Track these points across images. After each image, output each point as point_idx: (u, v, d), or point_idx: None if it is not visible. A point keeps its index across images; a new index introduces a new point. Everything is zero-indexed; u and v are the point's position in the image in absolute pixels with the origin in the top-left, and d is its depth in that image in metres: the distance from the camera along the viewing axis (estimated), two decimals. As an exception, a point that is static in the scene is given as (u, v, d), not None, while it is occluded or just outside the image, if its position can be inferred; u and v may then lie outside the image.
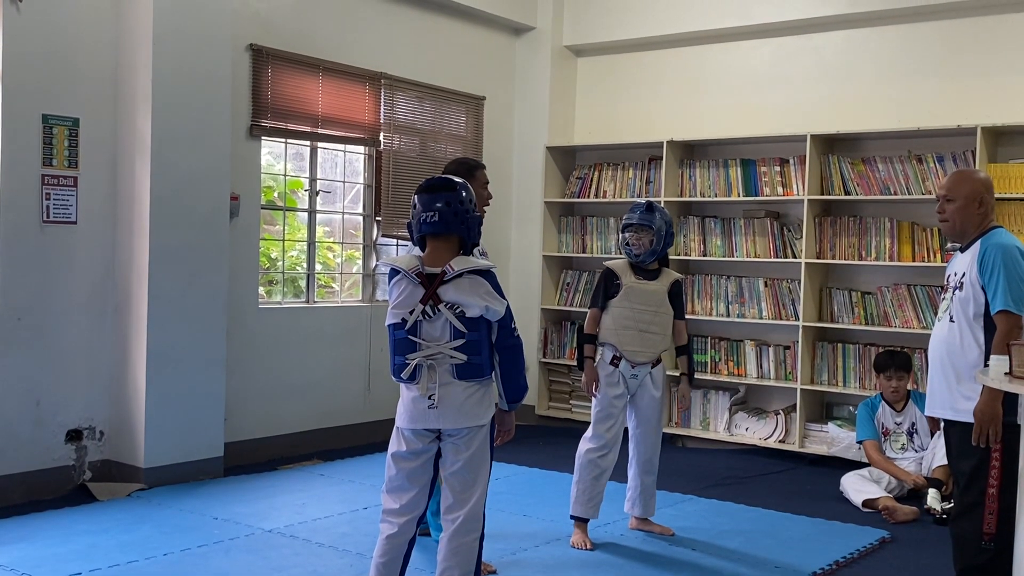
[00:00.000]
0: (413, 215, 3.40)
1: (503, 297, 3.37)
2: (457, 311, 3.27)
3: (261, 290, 6.45)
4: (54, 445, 5.35)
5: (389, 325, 3.35)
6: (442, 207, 3.31)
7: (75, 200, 5.39)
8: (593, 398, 4.75)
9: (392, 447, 3.39)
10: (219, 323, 5.81)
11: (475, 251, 4.00)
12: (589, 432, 4.76)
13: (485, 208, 4.48)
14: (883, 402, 5.86)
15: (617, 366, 4.72)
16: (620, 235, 4.81)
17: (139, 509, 5.07)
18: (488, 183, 4.57)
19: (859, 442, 5.87)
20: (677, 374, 5.07)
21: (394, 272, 3.35)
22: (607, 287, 4.77)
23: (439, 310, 3.27)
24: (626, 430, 4.84)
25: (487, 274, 3.34)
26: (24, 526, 4.55)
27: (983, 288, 3.65)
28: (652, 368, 4.78)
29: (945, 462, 5.35)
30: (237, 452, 6.02)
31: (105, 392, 5.57)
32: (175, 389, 5.57)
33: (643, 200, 4.82)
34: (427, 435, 3.34)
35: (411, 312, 3.28)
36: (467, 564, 3.35)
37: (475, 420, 3.32)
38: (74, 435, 5.44)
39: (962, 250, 3.83)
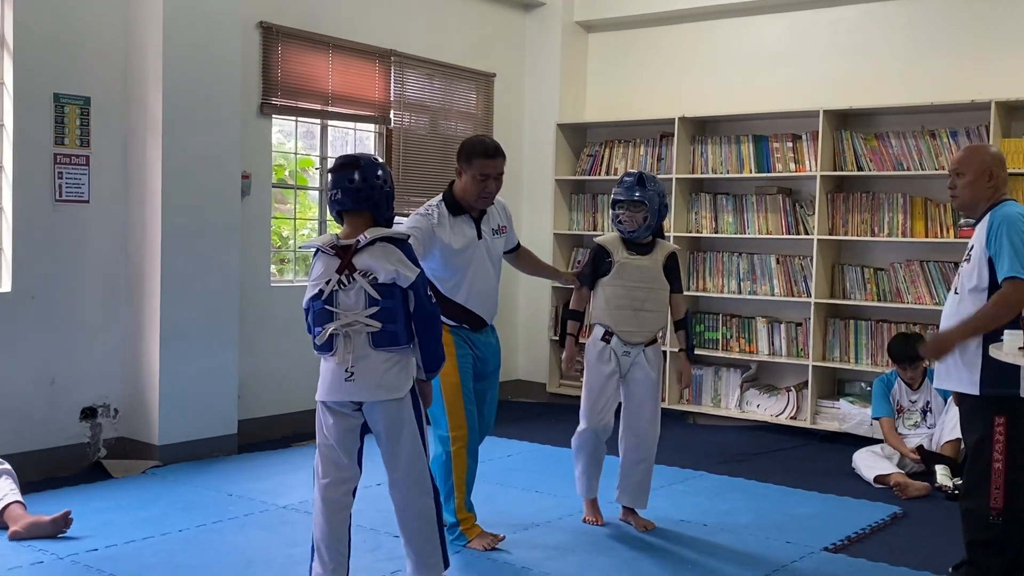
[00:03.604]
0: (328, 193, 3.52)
1: (418, 266, 3.44)
2: (370, 278, 3.35)
3: (273, 268, 6.47)
4: (69, 423, 5.39)
5: (308, 299, 3.41)
6: (346, 185, 3.41)
7: (87, 179, 5.40)
8: (580, 376, 4.57)
9: (319, 422, 3.46)
10: (232, 301, 5.83)
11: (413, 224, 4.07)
12: (581, 411, 4.61)
13: (482, 199, 4.16)
14: (899, 379, 5.84)
15: (608, 342, 4.52)
16: (611, 210, 4.58)
17: (154, 486, 5.12)
18: (489, 175, 4.11)
19: (875, 418, 5.85)
20: (676, 350, 4.94)
21: (316, 251, 3.45)
22: (597, 265, 4.55)
23: (354, 279, 3.35)
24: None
25: (401, 243, 3.44)
26: (40, 503, 4.59)
27: (989, 260, 3.64)
28: (646, 347, 4.55)
29: (952, 437, 5.39)
30: (251, 429, 6.06)
31: (119, 370, 5.60)
32: (188, 367, 5.60)
33: (633, 172, 4.56)
34: (349, 406, 3.41)
35: (327, 282, 3.36)
36: (429, 527, 3.49)
37: (393, 393, 3.39)
38: (89, 413, 5.48)
39: (975, 224, 3.83)
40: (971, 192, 3.78)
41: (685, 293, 4.84)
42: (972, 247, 3.75)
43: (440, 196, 4.25)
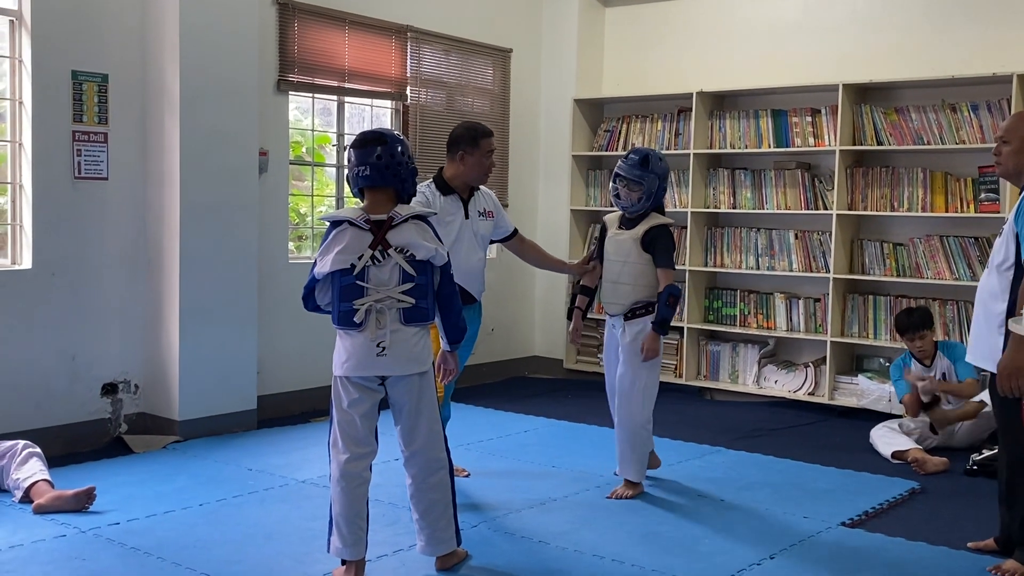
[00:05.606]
0: (349, 169, 3.51)
1: (442, 244, 3.54)
2: (407, 254, 3.38)
3: (290, 245, 6.49)
4: (90, 398, 5.44)
5: (329, 272, 3.39)
6: (374, 161, 3.41)
7: (106, 156, 5.42)
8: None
9: (340, 398, 3.47)
10: (250, 278, 5.86)
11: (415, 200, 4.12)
12: None
13: (488, 174, 4.59)
14: (912, 359, 5.81)
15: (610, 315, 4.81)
16: (611, 182, 4.72)
17: (175, 461, 5.16)
18: (493, 150, 4.58)
19: (901, 401, 5.80)
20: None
21: (336, 224, 3.44)
22: (599, 240, 4.84)
23: (389, 254, 3.38)
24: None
25: (428, 221, 3.50)
26: (62, 478, 4.64)
27: (1016, 235, 3.60)
28: (627, 319, 4.63)
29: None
30: (270, 405, 6.10)
31: (139, 346, 5.65)
32: (208, 343, 5.64)
33: (641, 149, 4.66)
34: (374, 381, 3.45)
35: (359, 257, 3.36)
36: (444, 500, 3.58)
37: (422, 365, 3.47)
38: (109, 388, 5.53)
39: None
40: (1016, 161, 3.74)
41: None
42: (1007, 220, 3.71)
43: (430, 180, 4.56)
